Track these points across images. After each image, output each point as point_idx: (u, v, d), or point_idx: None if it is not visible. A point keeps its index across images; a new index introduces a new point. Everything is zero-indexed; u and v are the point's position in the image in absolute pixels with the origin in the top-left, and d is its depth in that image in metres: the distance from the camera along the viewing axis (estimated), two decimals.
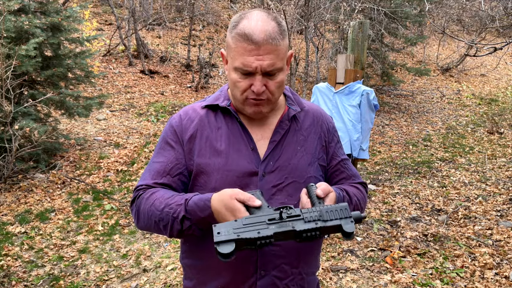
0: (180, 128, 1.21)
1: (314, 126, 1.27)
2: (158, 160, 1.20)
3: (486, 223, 4.26)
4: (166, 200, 1.10)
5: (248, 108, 1.16)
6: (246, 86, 1.12)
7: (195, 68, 10.91)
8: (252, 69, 1.07)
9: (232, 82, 1.14)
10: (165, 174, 1.17)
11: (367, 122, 4.02)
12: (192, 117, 1.22)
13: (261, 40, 1.05)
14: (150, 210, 1.11)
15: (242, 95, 1.14)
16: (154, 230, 1.14)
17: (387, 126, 8.72)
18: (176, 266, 3.45)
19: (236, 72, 1.11)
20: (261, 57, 1.06)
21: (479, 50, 10.40)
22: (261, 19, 1.08)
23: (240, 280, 1.15)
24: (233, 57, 1.10)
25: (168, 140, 1.21)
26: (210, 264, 1.17)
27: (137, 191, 1.18)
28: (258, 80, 1.09)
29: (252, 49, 1.05)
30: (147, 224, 1.14)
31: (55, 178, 5.22)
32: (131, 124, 7.46)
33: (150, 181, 1.18)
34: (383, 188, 5.41)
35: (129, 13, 10.83)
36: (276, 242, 1.05)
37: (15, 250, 3.75)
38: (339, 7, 9.19)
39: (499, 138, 7.88)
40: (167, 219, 1.08)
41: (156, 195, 1.13)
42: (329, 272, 3.33)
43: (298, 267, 1.19)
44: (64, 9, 6.01)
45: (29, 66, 5.04)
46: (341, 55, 4.28)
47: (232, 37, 1.09)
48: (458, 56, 13.52)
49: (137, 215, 1.17)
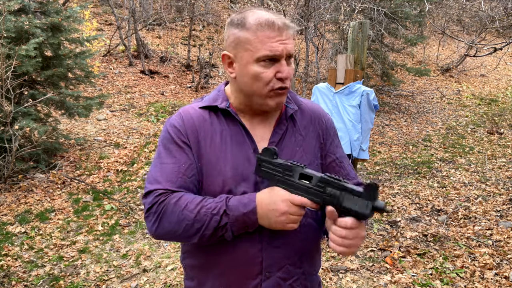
0: (183, 128, 1.16)
1: (312, 124, 1.26)
2: (168, 162, 1.13)
3: (486, 223, 4.26)
4: (202, 203, 1.06)
5: (271, 101, 1.13)
6: (272, 76, 1.10)
7: (195, 68, 10.91)
8: (280, 53, 1.08)
9: (253, 76, 1.10)
10: (180, 175, 1.11)
11: (367, 123, 4.02)
12: (194, 118, 1.18)
13: (282, 26, 1.08)
14: (182, 214, 1.05)
15: (266, 87, 1.11)
16: (180, 235, 1.08)
17: (387, 127, 8.72)
18: (176, 266, 3.45)
19: (259, 63, 1.09)
20: (285, 42, 1.09)
21: (479, 51, 10.40)
22: (267, 11, 1.12)
23: (243, 282, 1.14)
24: (254, 48, 1.08)
25: (175, 140, 1.15)
26: (212, 264, 1.16)
27: (156, 197, 1.09)
28: (284, 65, 1.10)
29: (276, 35, 1.07)
30: (173, 228, 1.07)
31: (55, 178, 5.22)
32: (131, 124, 7.47)
33: (166, 184, 1.10)
34: (383, 188, 5.42)
35: (129, 13, 10.83)
36: (280, 244, 1.14)
37: (15, 250, 3.75)
38: (339, 8, 9.19)
39: (499, 138, 7.88)
40: (204, 219, 1.04)
41: (187, 198, 1.07)
42: (329, 272, 3.33)
43: (301, 267, 1.19)
44: (64, 9, 6.01)
45: (29, 66, 5.04)
46: (341, 55, 4.28)
47: (248, 29, 1.09)
48: (458, 56, 13.52)
49: (159, 221, 1.08)
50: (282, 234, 1.13)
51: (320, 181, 1.01)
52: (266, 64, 1.09)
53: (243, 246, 1.12)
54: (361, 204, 0.94)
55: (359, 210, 0.95)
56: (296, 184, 1.04)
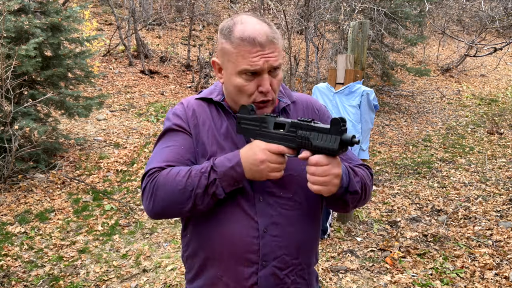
0: (185, 116, 1.22)
1: (305, 115, 1.28)
2: (167, 145, 1.19)
3: (486, 223, 4.25)
4: (191, 168, 1.10)
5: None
6: (253, 89, 1.12)
7: (195, 68, 10.91)
8: (260, 67, 1.09)
9: (236, 88, 1.14)
10: (178, 156, 1.16)
11: (367, 123, 4.02)
12: (195, 106, 1.24)
13: (264, 41, 1.08)
14: (175, 181, 1.08)
15: (249, 99, 1.14)
16: (175, 202, 1.09)
17: (387, 127, 8.72)
18: (176, 266, 3.45)
19: (241, 75, 1.11)
20: (267, 56, 1.09)
21: (479, 51, 10.39)
22: (256, 22, 1.11)
23: (240, 269, 1.16)
24: (236, 62, 1.11)
25: (174, 126, 1.21)
26: (209, 251, 1.19)
27: (149, 176, 1.13)
28: (265, 79, 1.11)
29: (257, 51, 1.08)
30: (168, 197, 1.09)
31: (55, 178, 5.22)
32: (131, 124, 7.46)
33: (161, 163, 1.14)
34: (383, 188, 5.41)
35: (129, 13, 10.83)
36: (277, 234, 1.15)
37: (15, 250, 3.75)
38: (339, 7, 9.19)
39: (499, 138, 7.88)
40: (195, 180, 1.07)
41: (178, 168, 1.11)
42: (329, 272, 3.32)
43: (298, 258, 1.20)
44: (64, 9, 6.01)
45: (29, 66, 5.04)
46: (341, 55, 4.27)
47: (232, 43, 1.10)
48: (458, 56, 13.51)
49: (154, 196, 1.11)
50: (280, 223, 1.16)
51: (291, 126, 1.06)
52: (248, 77, 1.11)
53: (240, 234, 1.14)
54: (330, 139, 0.98)
55: (327, 145, 0.98)
56: (272, 134, 1.09)
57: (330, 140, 0.98)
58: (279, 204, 1.16)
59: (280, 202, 1.16)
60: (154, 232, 4.15)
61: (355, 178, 1.15)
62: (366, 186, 1.20)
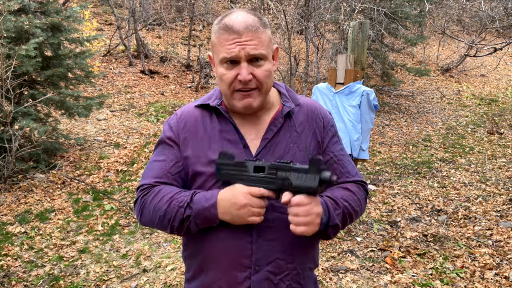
0: (177, 127, 1.23)
1: (308, 121, 1.25)
2: (158, 159, 1.23)
3: (486, 223, 4.26)
4: (174, 195, 1.14)
5: (237, 102, 1.16)
6: (233, 77, 1.12)
7: (195, 68, 10.91)
8: (236, 54, 1.09)
9: (219, 77, 1.15)
10: (165, 173, 1.20)
11: (367, 123, 4.02)
12: (188, 117, 1.24)
13: (242, 29, 1.09)
14: (157, 206, 1.15)
15: (229, 88, 1.14)
16: (157, 225, 1.17)
17: (387, 127, 8.72)
18: (176, 266, 3.45)
19: (222, 65, 1.13)
20: (244, 44, 1.09)
21: (479, 51, 10.40)
22: (241, 14, 1.12)
23: (233, 273, 1.16)
24: (217, 51, 1.13)
25: (166, 139, 1.24)
26: (205, 255, 1.19)
27: (141, 191, 1.21)
28: (243, 67, 1.10)
29: (234, 38, 1.09)
30: (152, 218, 1.17)
31: (55, 178, 5.22)
32: (131, 124, 7.47)
33: (152, 180, 1.21)
34: (383, 188, 5.42)
35: (129, 13, 10.83)
36: (271, 238, 1.15)
37: (15, 250, 3.75)
38: (339, 8, 9.19)
39: (499, 138, 7.88)
40: (172, 211, 1.12)
41: (164, 191, 1.16)
42: (329, 272, 3.33)
43: (293, 263, 1.18)
44: (64, 9, 6.01)
45: (29, 66, 5.04)
46: (341, 55, 4.28)
47: (215, 33, 1.14)
48: (458, 56, 13.51)
49: (141, 212, 1.20)
50: (274, 228, 1.15)
51: (270, 168, 1.07)
52: (228, 66, 1.12)
53: (233, 238, 1.14)
54: (309, 179, 1.00)
55: (306, 185, 1.00)
56: (252, 177, 1.10)
57: (309, 179, 1.00)
58: (274, 208, 1.15)
59: (275, 206, 1.15)
60: (154, 232, 4.15)
61: (335, 211, 1.15)
62: (351, 214, 1.20)
